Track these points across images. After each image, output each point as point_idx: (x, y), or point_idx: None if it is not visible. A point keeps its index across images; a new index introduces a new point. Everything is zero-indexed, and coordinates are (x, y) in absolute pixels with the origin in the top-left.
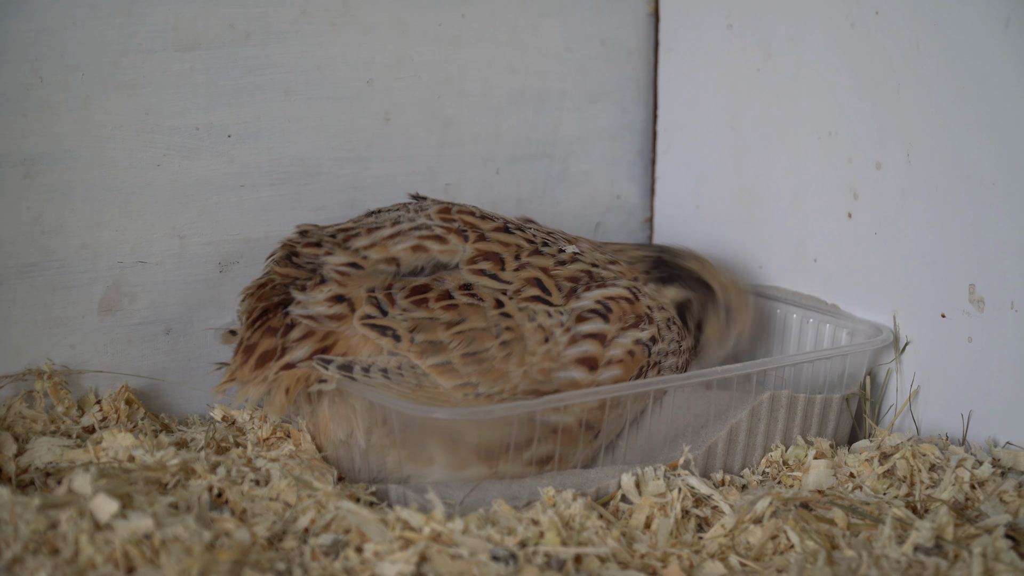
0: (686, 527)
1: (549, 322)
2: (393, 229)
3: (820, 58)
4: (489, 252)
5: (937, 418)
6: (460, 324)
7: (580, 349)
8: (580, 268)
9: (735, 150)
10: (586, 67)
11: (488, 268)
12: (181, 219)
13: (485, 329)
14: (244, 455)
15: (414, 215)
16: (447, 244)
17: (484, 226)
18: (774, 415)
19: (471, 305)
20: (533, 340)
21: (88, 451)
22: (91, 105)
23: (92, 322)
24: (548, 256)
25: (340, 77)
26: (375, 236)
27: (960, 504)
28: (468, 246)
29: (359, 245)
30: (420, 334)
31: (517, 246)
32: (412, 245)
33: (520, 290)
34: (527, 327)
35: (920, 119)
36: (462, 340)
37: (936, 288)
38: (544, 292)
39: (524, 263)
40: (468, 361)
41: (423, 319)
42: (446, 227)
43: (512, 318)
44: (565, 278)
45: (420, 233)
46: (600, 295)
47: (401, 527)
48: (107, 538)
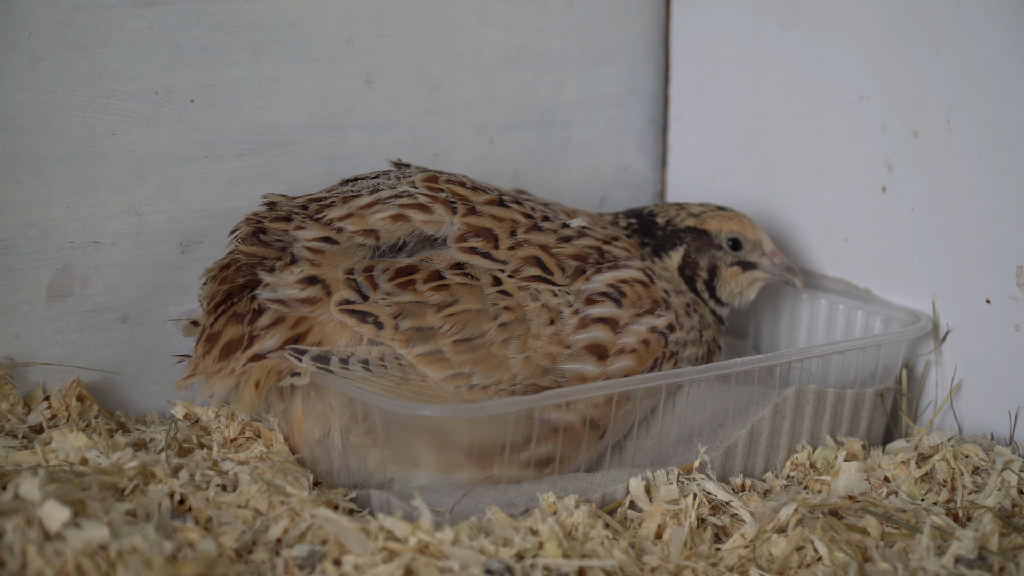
0: (702, 537)
1: (555, 301)
2: (371, 197)
3: (850, 13)
4: (481, 228)
5: (981, 415)
6: (452, 306)
7: (589, 335)
8: (588, 244)
9: (756, 116)
10: (590, 24)
11: (480, 246)
12: (139, 194)
13: (480, 311)
14: (209, 457)
15: (395, 183)
16: (431, 214)
17: (475, 198)
18: (800, 412)
19: (464, 285)
20: (538, 321)
21: (36, 453)
22: (39, 67)
23: (40, 309)
24: (548, 232)
25: (316, 35)
26: (351, 205)
27: (1006, 511)
28: (457, 219)
29: (333, 216)
30: (406, 320)
31: (512, 221)
32: (393, 214)
33: (518, 270)
34: (530, 307)
35: (961, 81)
36: (454, 324)
37: (980, 270)
38: (545, 271)
39: (521, 240)
40: (461, 348)
41: (409, 303)
42: (432, 195)
43: (512, 296)
44: (569, 256)
45: (402, 201)
46: (613, 277)
47: (384, 537)
48: (58, 549)
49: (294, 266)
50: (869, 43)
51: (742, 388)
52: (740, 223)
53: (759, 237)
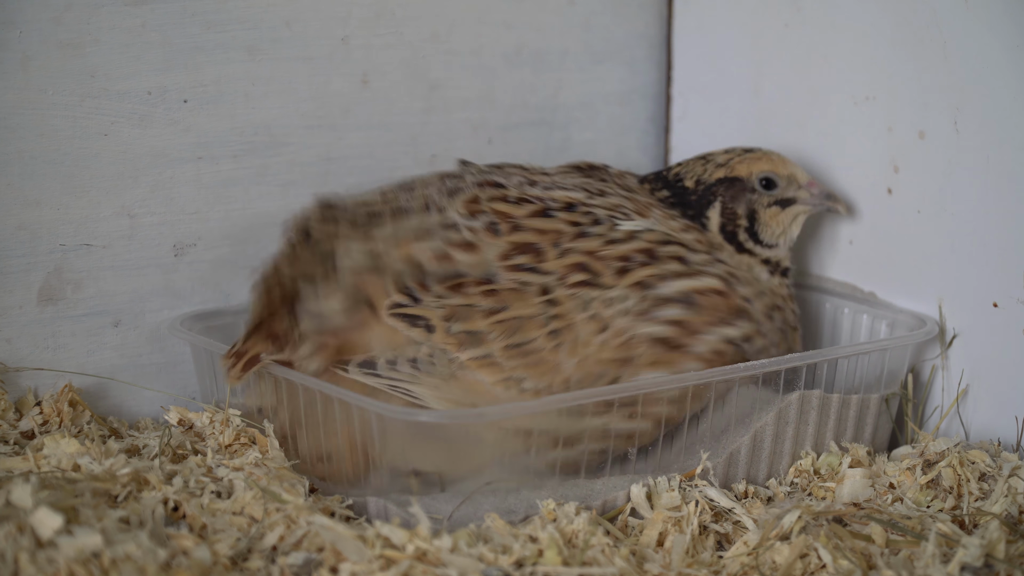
0: (704, 545)
1: (607, 312)
2: (420, 220)
3: (856, 11)
4: (524, 244)
5: (988, 421)
6: (502, 312)
7: (647, 352)
8: (636, 247)
9: (759, 117)
10: (591, 22)
11: (526, 262)
12: (131, 196)
13: (531, 317)
14: (204, 463)
15: (447, 199)
16: (476, 254)
17: (518, 212)
18: (804, 418)
19: (514, 291)
20: (586, 330)
21: (27, 459)
22: (30, 67)
23: (31, 313)
24: (596, 237)
25: (311, 34)
26: (399, 225)
27: (1013, 518)
28: (500, 240)
29: (380, 235)
30: (457, 323)
31: (556, 232)
32: (436, 253)
33: (564, 277)
34: (579, 317)
35: (969, 82)
36: (505, 330)
37: (987, 273)
38: (591, 274)
39: (566, 249)
40: (512, 353)
41: (460, 306)
42: (474, 227)
43: (561, 305)
44: (614, 257)
45: (447, 236)
46: (684, 286)
47: (382, 545)
48: (50, 557)
49: (338, 292)
50: (875, 42)
51: (745, 393)
52: (770, 161)
53: (792, 171)
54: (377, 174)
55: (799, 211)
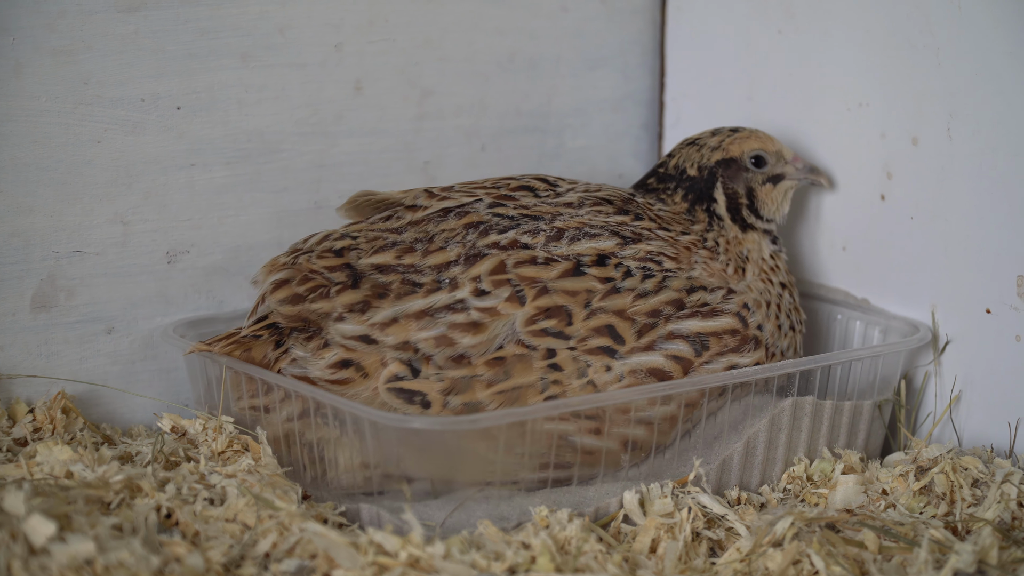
0: (697, 551)
1: (605, 378)
2: (425, 303)
3: (849, 18)
4: (552, 308)
5: (981, 427)
6: (503, 382)
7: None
8: (666, 299)
9: (753, 122)
10: (584, 28)
11: (552, 327)
12: (124, 203)
13: (530, 385)
14: (196, 470)
15: (463, 265)
16: (483, 334)
17: (547, 275)
18: (797, 424)
19: (519, 356)
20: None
21: (20, 466)
22: (23, 73)
23: (24, 320)
24: (627, 293)
25: (304, 41)
26: (401, 307)
27: (1006, 524)
28: (526, 307)
29: (378, 320)
30: (456, 396)
31: (588, 291)
32: (436, 336)
33: (585, 339)
34: (574, 384)
35: (962, 88)
36: (503, 401)
37: (980, 280)
38: (615, 340)
39: (596, 309)
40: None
41: (461, 378)
42: (487, 307)
43: (562, 370)
44: (645, 313)
45: (452, 320)
46: (700, 328)
47: (375, 551)
48: (43, 564)
49: (327, 350)
50: (868, 48)
51: (738, 400)
52: (759, 139)
53: (779, 147)
54: (370, 181)
55: (788, 186)
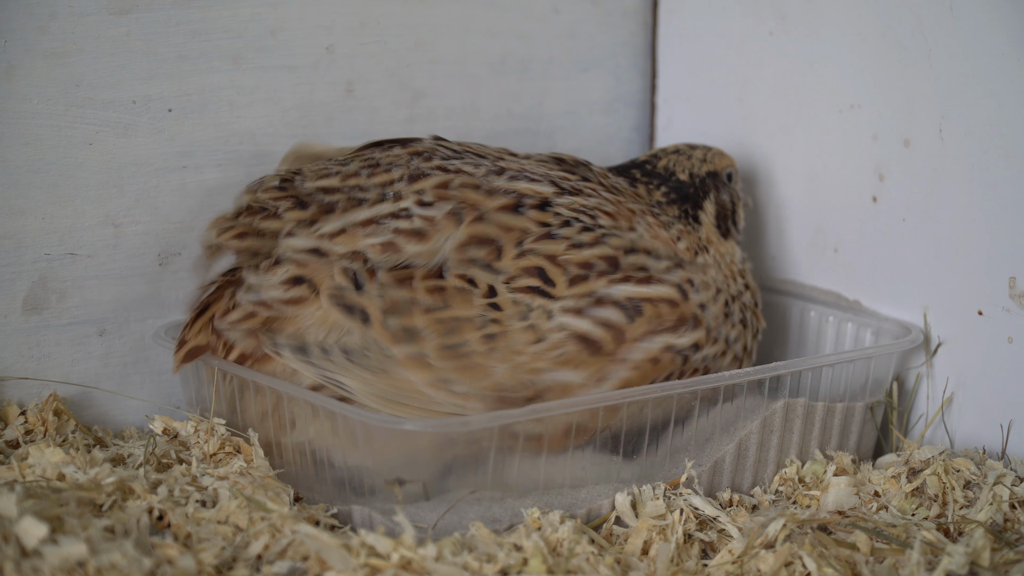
0: (689, 553)
1: (546, 325)
2: (371, 212)
3: (841, 20)
4: (484, 237)
5: (973, 429)
6: (441, 311)
7: (571, 350)
8: (600, 254)
9: (745, 125)
10: (576, 30)
11: (480, 257)
12: (116, 205)
13: (469, 319)
14: (188, 472)
15: (407, 186)
16: (427, 242)
17: (488, 204)
18: (789, 426)
19: (460, 290)
20: (521, 339)
21: (12, 468)
22: (15, 76)
23: (15, 322)
24: (561, 240)
25: (296, 43)
26: (348, 218)
27: (998, 526)
28: (460, 229)
29: (327, 230)
30: (394, 318)
31: (522, 230)
32: (383, 242)
33: (514, 277)
34: (515, 326)
35: (954, 89)
36: (440, 329)
37: (972, 282)
38: (546, 282)
39: (527, 250)
40: (445, 354)
41: (402, 300)
42: (430, 216)
43: (502, 310)
44: (576, 263)
45: (397, 226)
46: (635, 292)
47: (366, 553)
48: (35, 566)
49: (279, 267)
50: (860, 50)
51: (730, 401)
52: (727, 157)
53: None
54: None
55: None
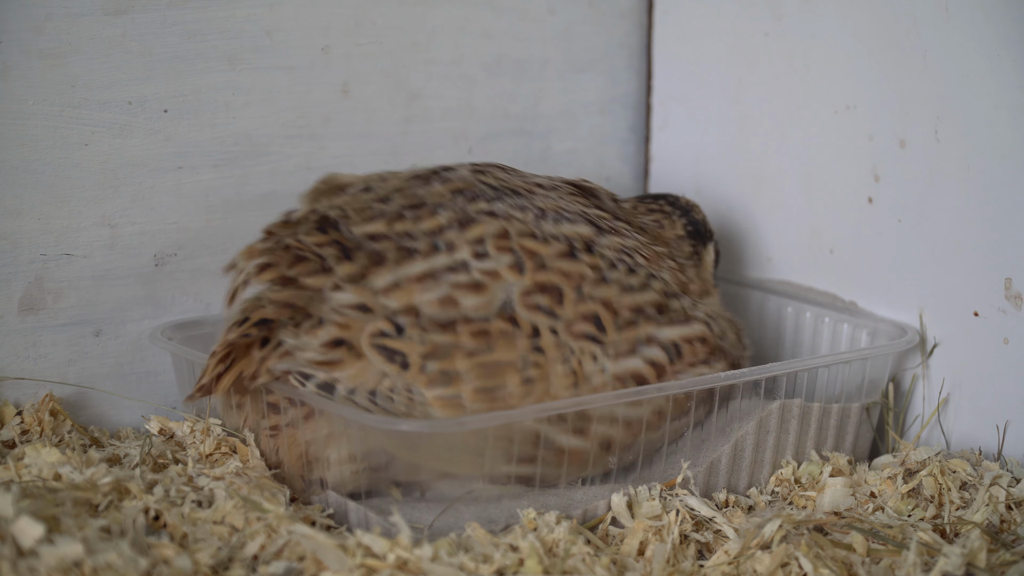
0: (685, 554)
1: (589, 367)
2: (426, 266)
3: (836, 21)
4: (548, 285)
5: (969, 430)
6: (484, 355)
7: (630, 375)
8: (649, 300)
9: (740, 126)
10: (571, 31)
11: (545, 304)
12: (112, 205)
13: (510, 363)
14: (184, 473)
15: (457, 229)
16: (485, 295)
17: (545, 251)
18: (785, 427)
19: (504, 333)
20: (559, 384)
21: (8, 468)
22: (10, 76)
23: (11, 323)
24: (612, 284)
25: (292, 43)
26: (401, 272)
27: (994, 527)
28: (524, 278)
29: (380, 285)
30: (435, 362)
31: (580, 276)
32: (441, 297)
33: (572, 323)
34: (557, 370)
35: (949, 90)
36: (481, 374)
37: (968, 283)
38: (599, 329)
39: (586, 295)
40: (480, 397)
41: (444, 344)
42: (488, 269)
43: (544, 354)
44: (628, 307)
45: (456, 279)
46: (677, 334)
47: (362, 554)
48: (31, 566)
49: (320, 328)
50: (855, 51)
51: (725, 402)
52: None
53: None
54: None
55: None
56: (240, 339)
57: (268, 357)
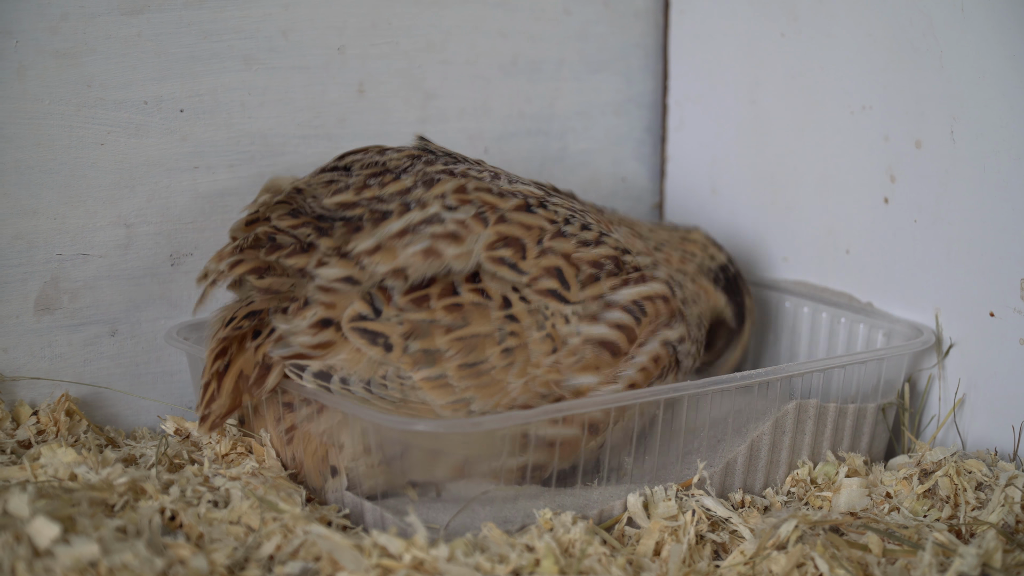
0: (701, 554)
1: (564, 330)
2: (402, 222)
3: (852, 21)
4: (510, 237)
5: (985, 430)
6: (461, 329)
7: (590, 355)
8: (605, 254)
9: (756, 126)
10: (587, 31)
11: (508, 256)
12: (128, 205)
13: (488, 335)
14: (200, 473)
15: (423, 187)
16: (462, 244)
17: (503, 205)
18: (801, 427)
19: (476, 305)
20: (539, 351)
21: (24, 468)
22: (26, 76)
23: (27, 322)
24: (570, 237)
25: (307, 43)
26: (382, 233)
27: (1010, 528)
28: (487, 229)
29: (361, 248)
30: (415, 341)
31: (540, 228)
32: (424, 249)
33: (536, 278)
34: (534, 337)
35: (965, 91)
36: (461, 348)
37: (984, 283)
38: (563, 285)
39: (545, 248)
40: (465, 374)
41: (421, 322)
42: (460, 218)
43: (519, 322)
44: (588, 262)
45: (433, 230)
46: (636, 294)
47: (378, 554)
48: (47, 566)
49: (307, 309)
50: (871, 51)
51: (741, 402)
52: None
53: None
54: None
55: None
56: (232, 333)
57: (262, 344)
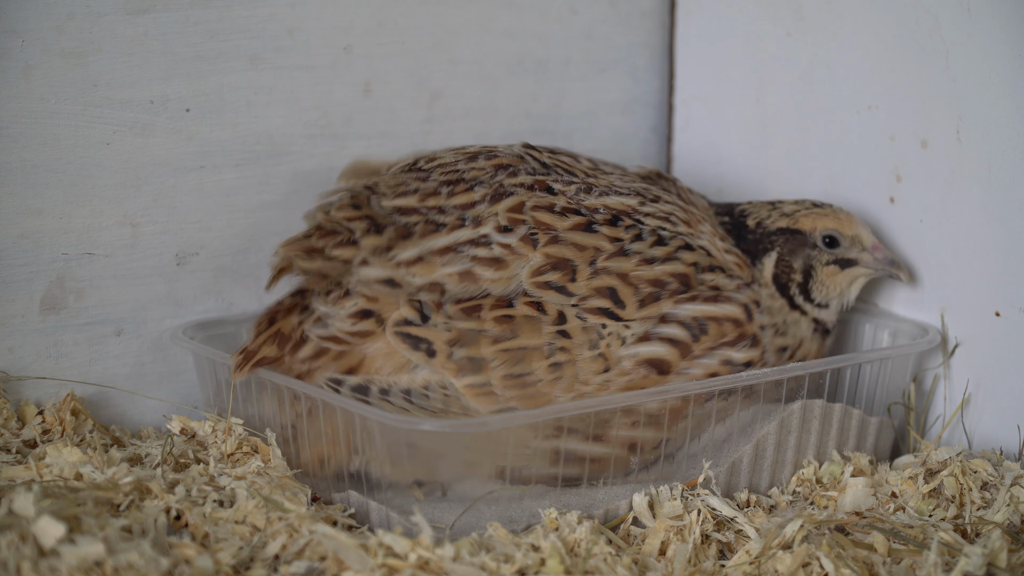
0: (706, 554)
1: (620, 352)
2: (449, 239)
3: (858, 21)
4: (560, 259)
5: (990, 430)
6: (509, 340)
7: (639, 377)
8: (671, 271)
9: (762, 126)
10: (593, 31)
11: (555, 279)
12: (133, 205)
13: (536, 348)
14: (206, 472)
15: (488, 203)
16: (505, 270)
17: (560, 224)
18: (806, 427)
19: (529, 318)
20: (588, 369)
21: (30, 468)
22: (32, 75)
23: (33, 322)
24: (633, 255)
25: (314, 43)
26: (426, 245)
27: (1015, 527)
28: (536, 253)
29: (403, 258)
30: (461, 349)
31: (595, 249)
32: (460, 271)
33: (585, 298)
34: (584, 355)
35: (971, 90)
36: (508, 359)
37: (989, 283)
38: (616, 304)
39: (600, 268)
40: (510, 384)
41: (469, 330)
42: (506, 243)
43: (571, 338)
44: (648, 280)
45: (475, 254)
46: (701, 311)
47: (384, 554)
48: (53, 566)
49: (348, 299)
50: (877, 51)
51: (747, 402)
52: (836, 219)
53: (858, 232)
54: None
55: (859, 274)
56: (278, 307)
57: (304, 321)
